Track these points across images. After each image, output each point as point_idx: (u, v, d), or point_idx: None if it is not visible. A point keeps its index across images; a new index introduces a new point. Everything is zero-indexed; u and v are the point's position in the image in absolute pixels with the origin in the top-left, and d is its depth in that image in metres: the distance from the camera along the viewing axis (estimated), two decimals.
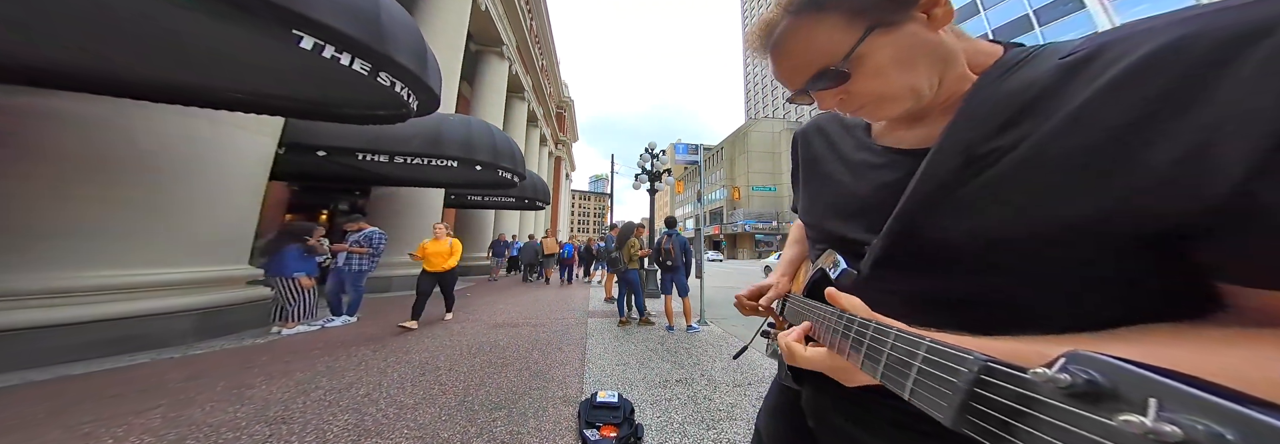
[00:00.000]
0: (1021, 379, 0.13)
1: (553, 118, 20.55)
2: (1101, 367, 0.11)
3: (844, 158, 0.39)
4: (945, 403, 0.15)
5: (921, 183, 0.28)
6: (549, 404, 1.70)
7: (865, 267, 0.32)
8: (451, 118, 4.18)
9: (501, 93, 9.94)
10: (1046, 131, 0.23)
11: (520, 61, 12.13)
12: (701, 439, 1.43)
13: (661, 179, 6.05)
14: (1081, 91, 0.22)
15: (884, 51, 0.27)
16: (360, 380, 1.91)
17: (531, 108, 14.42)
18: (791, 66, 0.31)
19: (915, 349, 0.19)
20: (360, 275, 3.34)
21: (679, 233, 3.61)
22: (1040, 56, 0.26)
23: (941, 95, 0.30)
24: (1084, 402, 0.11)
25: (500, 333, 3.06)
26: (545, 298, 5.20)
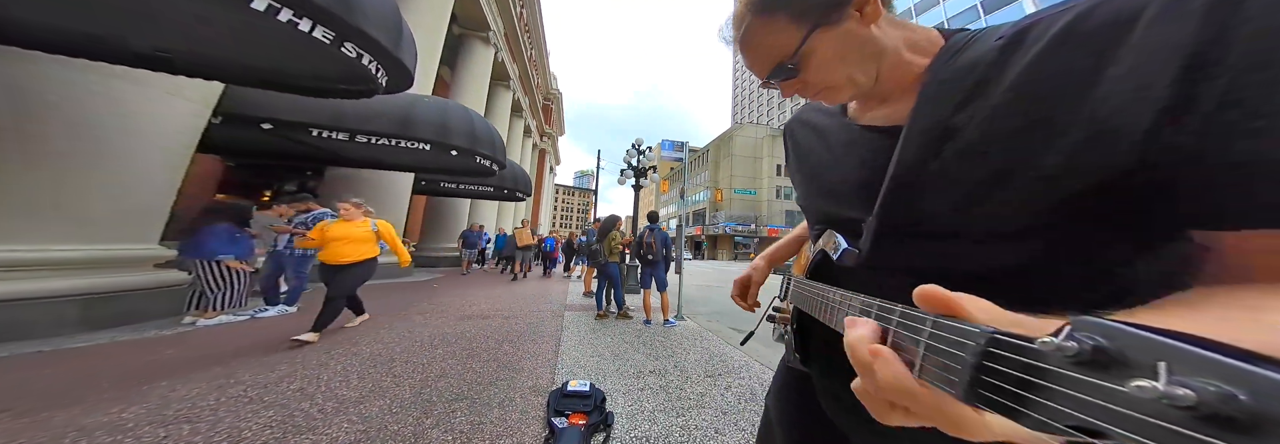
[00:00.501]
0: (1028, 349, 0.13)
1: (539, 109, 20.05)
2: (1107, 331, 0.11)
3: (828, 141, 0.41)
4: (955, 378, 0.15)
5: (901, 159, 0.30)
6: (517, 394, 1.63)
7: (865, 245, 0.32)
8: (426, 99, 3.93)
9: (484, 79, 9.55)
10: (995, 103, 0.26)
11: (507, 49, 11.71)
12: (670, 427, 1.42)
13: (647, 175, 6.05)
14: (1015, 66, 0.25)
15: (827, 47, 0.31)
16: (293, 375, 1.71)
17: (517, 97, 13.97)
18: (754, 59, 0.35)
19: (921, 324, 0.18)
20: (304, 261, 3.01)
21: (659, 227, 3.61)
22: (980, 39, 0.29)
23: (891, 80, 0.33)
24: (1094, 369, 0.11)
25: (468, 325, 2.90)
26: (521, 291, 5.01)
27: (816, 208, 0.42)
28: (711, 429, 1.41)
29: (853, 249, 0.34)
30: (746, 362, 2.31)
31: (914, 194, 0.29)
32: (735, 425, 1.46)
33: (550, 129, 24.78)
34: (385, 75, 2.12)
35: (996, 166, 0.25)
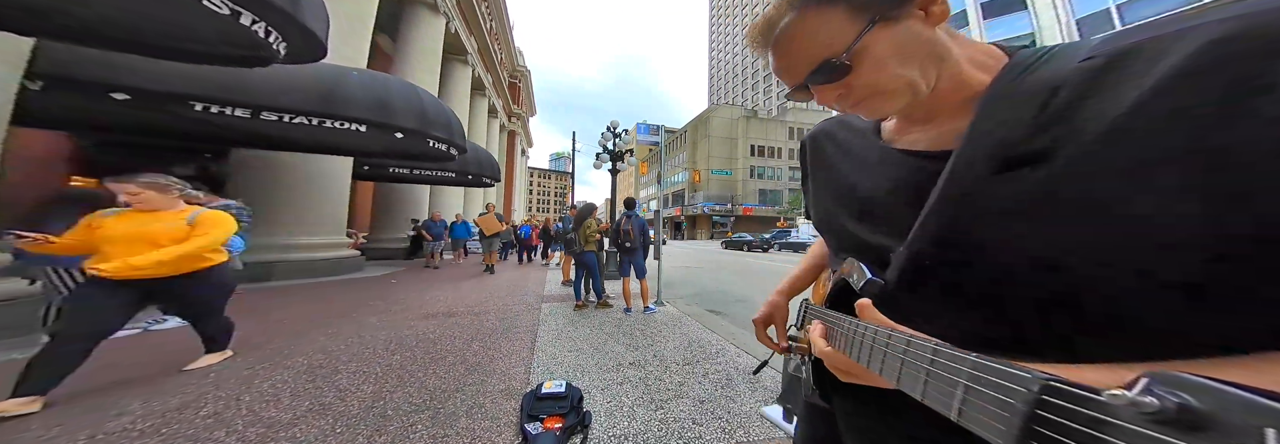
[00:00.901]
0: (1094, 401, 0.11)
1: (505, 87, 18.53)
2: (1196, 388, 0.10)
3: (856, 160, 0.38)
4: (1004, 427, 0.14)
5: (948, 187, 0.27)
6: (487, 400, 1.52)
7: (891, 275, 0.30)
8: (357, 73, 3.36)
9: (435, 53, 8.53)
10: (1093, 139, 0.22)
11: (462, 19, 10.45)
12: (649, 420, 1.40)
13: (624, 159, 5.83)
14: (1123, 97, 0.21)
15: (884, 44, 0.28)
16: (202, 398, 1.44)
17: (477, 73, 12.73)
18: (794, 60, 0.31)
19: (959, 365, 0.17)
20: None
21: (637, 214, 3.51)
22: (1057, 57, 0.26)
23: (943, 95, 0.30)
24: (1179, 430, 0.10)
25: (431, 324, 2.69)
26: (494, 283, 4.77)
27: (837, 229, 0.38)
28: (689, 420, 1.41)
29: (877, 280, 0.31)
30: (722, 346, 2.34)
31: (957, 228, 0.26)
32: (712, 414, 1.46)
33: (519, 109, 23.18)
34: (282, 41, 1.74)
35: (1092, 204, 0.21)
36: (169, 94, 2.54)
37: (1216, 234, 0.18)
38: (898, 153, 0.34)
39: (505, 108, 19.85)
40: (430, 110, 3.69)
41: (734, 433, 1.33)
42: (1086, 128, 0.22)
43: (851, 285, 0.33)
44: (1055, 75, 0.24)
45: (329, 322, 2.68)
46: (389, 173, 6.50)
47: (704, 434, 1.32)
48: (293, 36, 1.72)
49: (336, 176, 5.18)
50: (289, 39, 1.74)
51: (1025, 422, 0.13)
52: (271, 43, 1.69)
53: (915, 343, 0.20)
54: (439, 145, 3.95)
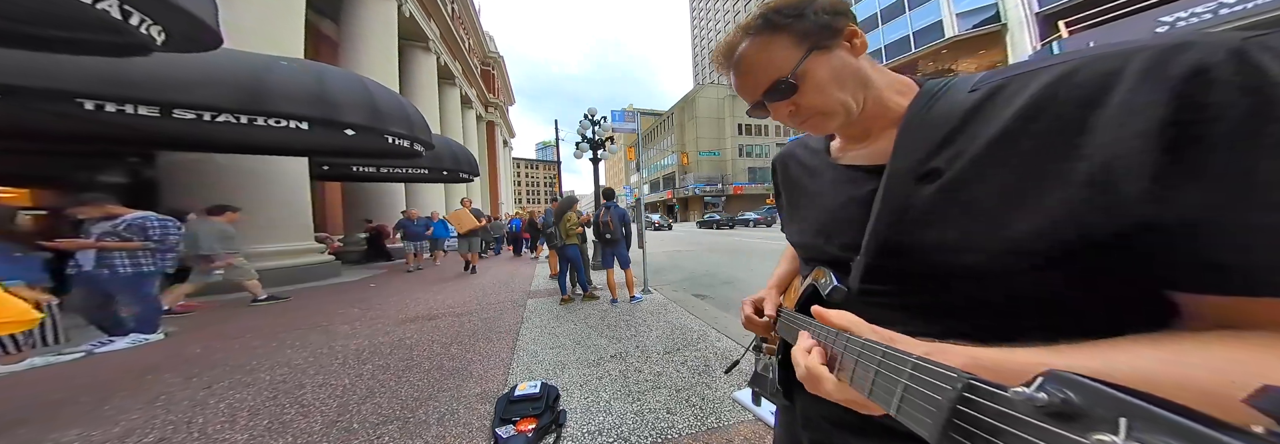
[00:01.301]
0: (1002, 397, 0.14)
1: (477, 76, 17.49)
2: (1077, 386, 0.12)
3: (815, 178, 0.43)
4: (930, 420, 0.16)
5: (884, 199, 0.32)
6: (461, 405, 1.50)
7: (854, 281, 0.34)
8: (286, 63, 2.99)
9: (389, 39, 7.82)
10: (974, 156, 0.27)
11: (417, 2, 9.53)
12: (624, 413, 1.40)
13: (605, 147, 5.64)
14: (993, 123, 0.27)
15: (822, 69, 0.33)
16: (150, 422, 1.38)
17: (443, 61, 11.91)
18: (751, 79, 0.36)
19: (902, 366, 0.19)
20: (141, 280, 2.36)
21: (617, 204, 3.43)
22: (953, 88, 0.32)
23: (871, 116, 0.35)
24: (1060, 421, 0.12)
25: (408, 329, 2.63)
26: (480, 282, 4.70)
27: (806, 244, 0.42)
28: (664, 410, 1.41)
29: (841, 286, 0.35)
30: (704, 331, 2.36)
31: (897, 235, 0.31)
32: (686, 402, 1.47)
33: (496, 98, 22.09)
34: (154, 25, 1.49)
35: (971, 214, 0.27)
36: (47, 90, 2.16)
37: (1051, 236, 0.23)
38: (844, 169, 0.38)
39: (480, 97, 18.88)
40: (383, 104, 3.37)
41: (706, 420, 1.34)
42: (967, 150, 0.28)
43: (820, 291, 0.36)
44: (952, 104, 0.30)
45: (297, 333, 2.60)
46: (353, 172, 6.09)
47: (677, 423, 1.32)
48: (166, 19, 1.47)
49: (292, 178, 4.81)
50: (163, 23, 1.49)
51: (948, 416, 0.15)
52: (138, 27, 1.43)
53: (870, 345, 0.23)
54: (400, 142, 3.63)
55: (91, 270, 2.28)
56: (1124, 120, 0.21)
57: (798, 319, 0.38)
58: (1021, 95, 0.26)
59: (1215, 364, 0.18)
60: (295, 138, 3.26)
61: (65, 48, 1.68)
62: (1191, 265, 0.21)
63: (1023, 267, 0.25)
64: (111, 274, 2.31)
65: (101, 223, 2.33)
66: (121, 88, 2.32)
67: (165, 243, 2.47)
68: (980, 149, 0.27)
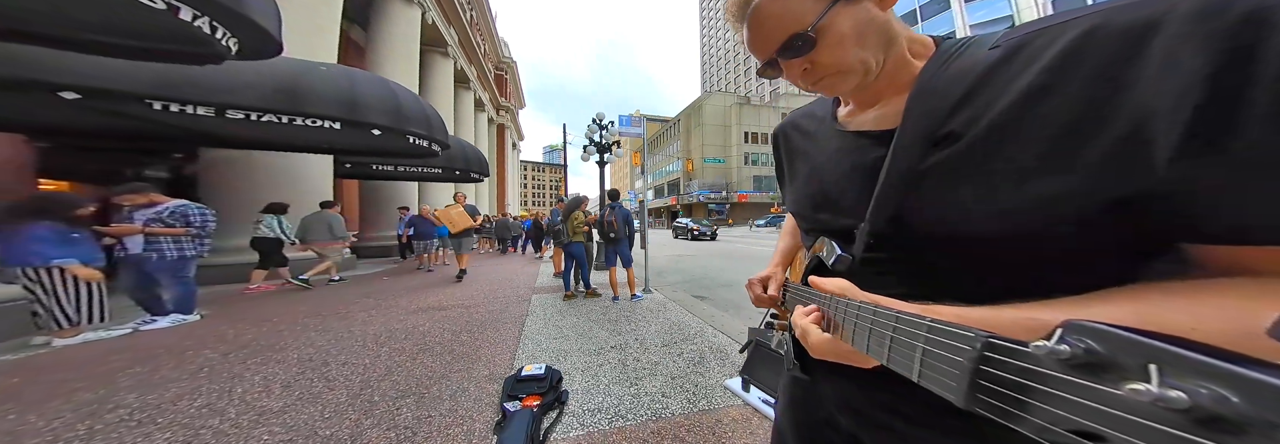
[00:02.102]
0: (1024, 353, 0.13)
1: (490, 80, 18.02)
2: (1099, 335, 0.11)
3: (819, 147, 0.41)
4: (955, 383, 0.15)
5: (892, 165, 0.30)
6: (471, 384, 1.62)
7: (857, 250, 0.33)
8: (323, 68, 3.26)
9: (412, 44, 8.20)
10: (995, 116, 0.26)
11: (439, 9, 10.00)
12: (622, 396, 1.50)
13: (611, 151, 5.82)
14: (1016, 82, 0.25)
15: (845, 22, 0.30)
16: (197, 390, 1.53)
17: (460, 66, 12.36)
18: (765, 33, 0.33)
19: (917, 330, 0.19)
20: (184, 264, 2.57)
21: (621, 205, 3.57)
22: (972, 46, 0.30)
23: (887, 76, 0.33)
24: (1088, 372, 0.11)
25: (421, 318, 2.79)
26: (486, 277, 4.86)
27: (808, 214, 0.41)
28: (659, 394, 1.52)
29: (846, 255, 0.34)
30: (701, 328, 2.46)
31: (906, 198, 0.29)
32: (680, 388, 1.57)
33: (507, 102, 22.66)
34: (231, 38, 1.70)
35: (993, 176, 0.25)
36: (123, 93, 2.40)
37: (1074, 198, 0.22)
38: (851, 135, 0.36)
39: (492, 101, 19.38)
40: (406, 106, 3.60)
41: (698, 403, 1.44)
42: (987, 111, 0.26)
43: (824, 262, 0.35)
44: (970, 63, 0.28)
45: (319, 319, 2.76)
46: (373, 170, 6.37)
47: (670, 405, 1.42)
48: (242, 32, 1.68)
49: (316, 175, 5.09)
50: (239, 35, 1.70)
51: (972, 376, 0.14)
52: (220, 39, 1.65)
53: (881, 311, 0.22)
54: (419, 142, 3.86)
55: (140, 253, 2.49)
56: (1163, 72, 0.19)
57: (804, 292, 0.37)
58: (1049, 50, 0.24)
59: (1228, 302, 0.17)
60: (328, 137, 3.52)
61: (155, 57, 1.91)
62: (1217, 220, 0.19)
63: (1036, 231, 0.24)
64: (159, 258, 2.52)
65: (144, 210, 2.54)
66: (183, 90, 2.58)
67: (206, 229, 2.66)
68: (1002, 109, 0.25)
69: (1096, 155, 0.21)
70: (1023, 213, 0.24)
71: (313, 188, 5.02)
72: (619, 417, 1.35)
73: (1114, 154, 0.21)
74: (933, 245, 0.29)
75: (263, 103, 2.83)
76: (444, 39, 10.57)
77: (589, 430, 1.27)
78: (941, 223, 0.28)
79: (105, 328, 2.32)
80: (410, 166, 6.22)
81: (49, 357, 2.00)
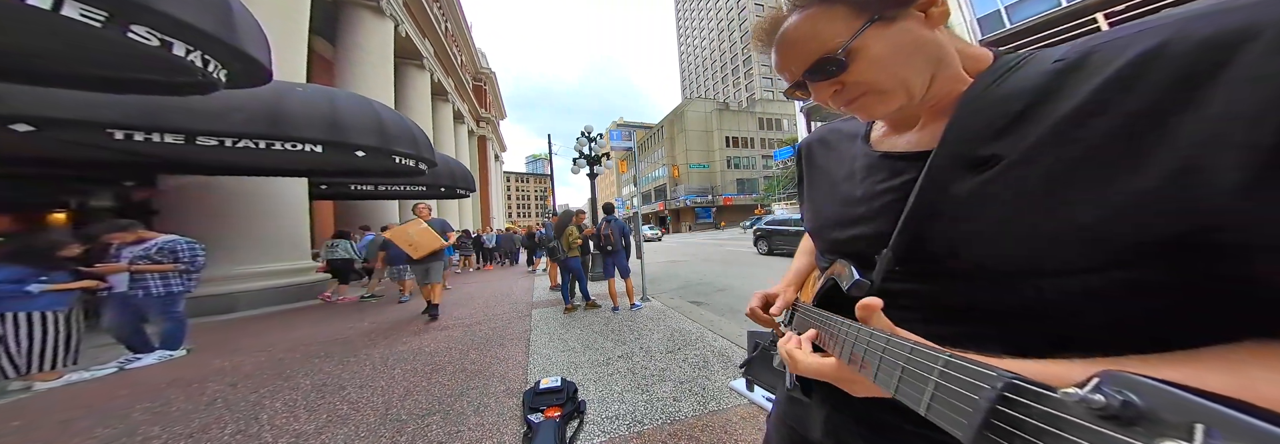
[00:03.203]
0: (1050, 398, 0.12)
1: (469, 91, 17.90)
2: (1140, 388, 0.11)
3: (846, 166, 0.39)
4: (965, 420, 0.15)
5: (924, 188, 0.28)
6: (491, 399, 1.69)
7: (877, 276, 0.31)
8: (300, 89, 3.14)
9: (385, 58, 7.96)
10: (1041, 137, 0.23)
11: (412, 21, 9.85)
12: (636, 403, 1.61)
13: (601, 162, 5.95)
14: (1070, 99, 0.23)
15: (881, 43, 0.28)
16: (221, 419, 1.55)
17: (437, 79, 12.19)
18: (793, 56, 0.31)
19: (933, 363, 0.18)
20: (171, 299, 2.49)
21: (616, 218, 3.69)
22: (1033, 61, 0.27)
23: (933, 97, 0.30)
24: (1120, 425, 0.10)
25: (424, 339, 2.79)
26: (481, 295, 4.82)
27: (827, 235, 0.39)
28: (670, 398, 1.63)
29: (865, 281, 0.31)
30: (702, 333, 2.58)
31: (936, 226, 0.27)
32: (690, 391, 1.69)
33: (488, 113, 22.50)
34: (220, 68, 1.67)
35: (1033, 204, 0.23)
36: (81, 122, 2.22)
37: (1118, 232, 0.20)
38: (881, 157, 0.34)
39: (472, 113, 19.19)
40: (390, 125, 3.53)
41: (708, 405, 1.56)
42: (1033, 131, 0.23)
43: (840, 285, 0.33)
44: (1028, 78, 0.25)
45: (318, 345, 2.72)
46: (351, 191, 6.12)
47: (683, 408, 1.54)
48: (233, 62, 1.66)
49: (291, 199, 4.87)
50: (229, 65, 1.67)
51: (986, 416, 0.14)
52: (211, 71, 1.61)
53: (894, 341, 0.21)
54: (406, 162, 3.78)
55: (125, 291, 2.40)
56: (1243, 95, 0.17)
57: (813, 314, 0.35)
58: (1109, 66, 0.22)
59: None
60: (307, 159, 3.37)
61: (140, 90, 1.85)
62: None
63: (1074, 267, 0.22)
64: (145, 294, 2.44)
65: (132, 247, 2.47)
66: (151, 118, 2.41)
67: (195, 264, 2.59)
68: (1049, 128, 0.23)
69: (1152, 174, 0.19)
70: (1062, 246, 0.22)
71: (287, 211, 4.81)
72: (637, 422, 1.46)
73: (1173, 174, 0.19)
74: (955, 278, 0.27)
75: (240, 128, 2.70)
76: (419, 51, 10.41)
77: (611, 436, 1.37)
78: (970, 249, 0.26)
79: (85, 368, 2.23)
80: (392, 185, 6.03)
81: (40, 399, 1.93)
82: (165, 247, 2.50)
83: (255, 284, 4.29)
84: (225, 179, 4.19)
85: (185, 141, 2.65)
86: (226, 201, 4.32)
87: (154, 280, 2.45)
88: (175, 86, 1.85)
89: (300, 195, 5.09)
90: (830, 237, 0.39)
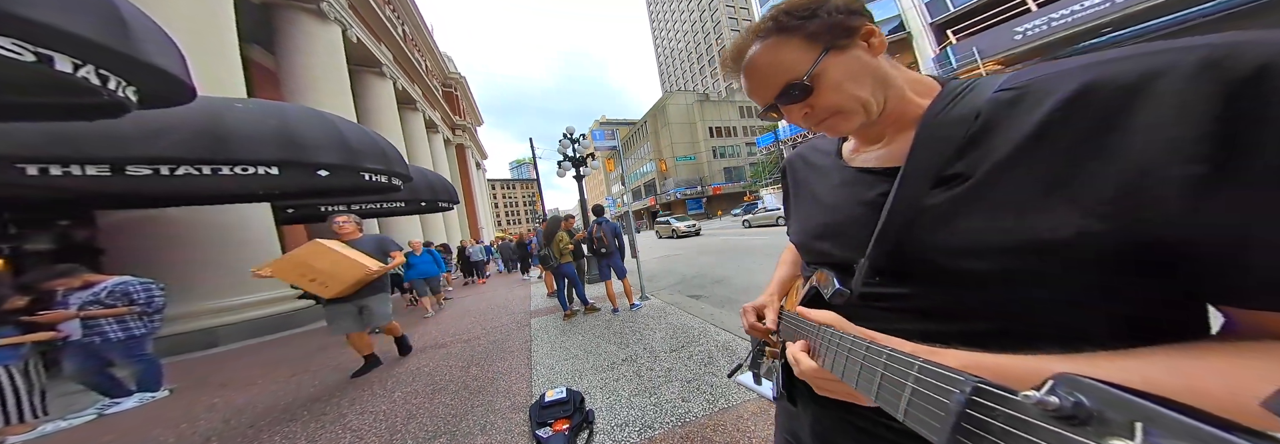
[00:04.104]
0: (1012, 401, 0.13)
1: (439, 98, 17.31)
2: (1089, 390, 0.12)
3: (824, 180, 0.42)
4: (939, 424, 0.16)
5: (896, 202, 0.31)
6: (497, 416, 1.64)
7: (856, 284, 0.33)
8: (244, 106, 2.83)
9: (337, 66, 7.43)
10: (998, 160, 0.26)
11: (363, 26, 9.20)
12: (645, 407, 1.58)
13: (587, 163, 5.85)
14: (1021, 126, 0.26)
15: (838, 69, 0.32)
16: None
17: (401, 87, 11.59)
18: (762, 82, 0.34)
19: (908, 370, 0.19)
20: (134, 343, 2.35)
21: (608, 219, 3.64)
22: (977, 88, 0.30)
23: (891, 115, 0.34)
24: (1072, 425, 0.11)
25: (422, 358, 2.71)
26: (475, 308, 4.73)
27: (810, 247, 0.42)
28: (679, 399, 1.62)
29: (844, 289, 0.34)
30: (704, 328, 2.58)
31: (905, 238, 0.30)
32: (698, 390, 1.68)
33: (463, 121, 21.89)
34: (127, 86, 1.45)
35: (994, 217, 0.26)
36: None
37: (1072, 244, 0.22)
38: (854, 171, 0.37)
39: (445, 121, 18.60)
40: (354, 139, 3.28)
41: (717, 402, 1.55)
42: (991, 154, 0.27)
43: (822, 294, 0.36)
44: (976, 104, 0.29)
45: (309, 374, 2.61)
46: (322, 212, 5.63)
47: (693, 408, 1.53)
48: (140, 78, 1.45)
49: (257, 226, 4.54)
50: (137, 82, 1.46)
51: (957, 419, 0.15)
52: (114, 89, 1.38)
53: (873, 348, 0.22)
54: (377, 178, 3.51)
55: (81, 339, 2.24)
56: (1167, 122, 0.20)
57: (798, 322, 0.37)
58: (1053, 96, 0.25)
59: (1232, 370, 0.17)
60: (264, 183, 3.04)
61: (29, 115, 1.60)
62: (1235, 280, 0.19)
63: (1035, 274, 0.24)
64: (103, 341, 2.28)
65: (80, 293, 2.30)
66: (66, 148, 2.12)
67: (152, 305, 2.42)
68: (1006, 153, 0.26)
69: (1096, 197, 0.22)
70: (1018, 252, 0.24)
71: (255, 239, 4.51)
72: (647, 427, 1.44)
73: (1114, 197, 0.21)
74: (929, 281, 0.30)
75: (174, 153, 2.40)
76: (376, 58, 9.81)
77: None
78: (940, 258, 0.28)
79: (61, 417, 2.11)
80: (367, 204, 5.71)
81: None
82: (116, 289, 2.33)
83: (234, 316, 4.09)
84: (177, 210, 3.88)
85: (112, 173, 2.35)
86: (186, 233, 4.00)
87: (110, 325, 2.30)
88: (78, 110, 1.58)
89: (265, 221, 4.78)
90: (814, 248, 0.41)
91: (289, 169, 2.88)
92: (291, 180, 3.10)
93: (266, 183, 3.05)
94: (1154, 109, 0.21)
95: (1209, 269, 0.20)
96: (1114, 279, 0.23)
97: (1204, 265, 0.20)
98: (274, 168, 2.82)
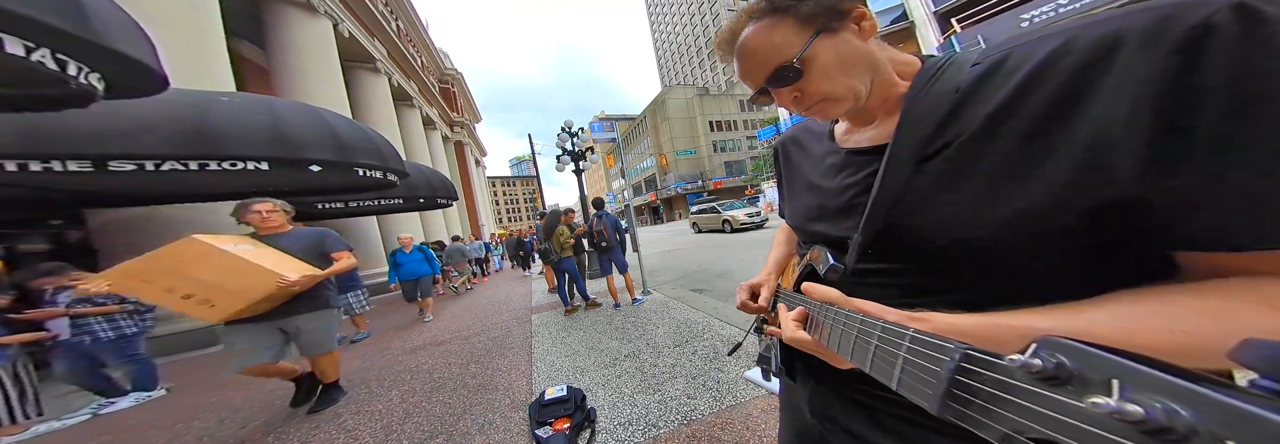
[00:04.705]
0: (999, 365, 0.14)
1: (436, 95, 17.10)
2: (1069, 350, 0.12)
3: (816, 162, 0.43)
4: (930, 391, 0.16)
5: (885, 180, 0.32)
6: (496, 415, 1.59)
7: (850, 260, 0.34)
8: (230, 99, 2.75)
9: (329, 61, 7.32)
10: (972, 132, 0.27)
11: (355, 20, 9.01)
12: (649, 405, 1.53)
13: (586, 157, 5.76)
14: (992, 98, 0.27)
15: (828, 53, 0.32)
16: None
17: (396, 83, 11.45)
18: (754, 65, 0.35)
19: (900, 340, 0.20)
20: (126, 342, 2.32)
21: (608, 213, 3.57)
22: (954, 64, 0.31)
23: (877, 98, 0.35)
24: (1055, 385, 0.12)
25: (421, 356, 2.67)
26: (476, 304, 4.69)
27: (805, 226, 0.43)
28: (684, 396, 1.55)
29: (838, 265, 0.35)
30: (708, 322, 2.52)
31: (895, 214, 0.31)
32: (703, 386, 1.62)
33: (461, 117, 21.71)
34: (91, 73, 1.36)
35: (974, 188, 0.27)
36: None
37: (1048, 211, 0.24)
38: (846, 152, 0.38)
39: (443, 117, 18.43)
40: (347, 135, 3.18)
41: (724, 399, 1.49)
42: (967, 128, 0.28)
43: (817, 270, 0.37)
44: (953, 80, 0.30)
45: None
46: (319, 210, 5.51)
47: (698, 406, 1.47)
48: (104, 65, 1.36)
49: (231, 223, 4.49)
50: (101, 69, 1.37)
51: (948, 386, 0.15)
52: (76, 76, 1.29)
53: (868, 321, 0.23)
54: (372, 174, 3.43)
55: (70, 339, 2.20)
56: (1120, 88, 0.20)
57: (795, 298, 0.38)
58: (1023, 67, 0.25)
59: (1202, 320, 0.18)
60: (253, 180, 2.99)
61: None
62: (1189, 229, 0.21)
63: (1018, 243, 0.25)
64: (93, 340, 2.24)
65: (67, 291, 2.25)
66: (44, 143, 2.03)
67: (144, 302, 2.38)
68: (979, 125, 0.27)
69: (1063, 167, 0.23)
70: (1001, 222, 0.26)
71: None
72: (651, 426, 1.38)
73: (1079, 166, 0.22)
74: (920, 254, 0.31)
75: (160, 149, 2.31)
76: (370, 54, 9.63)
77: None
78: (927, 232, 0.29)
79: (55, 418, 2.09)
80: (364, 201, 5.61)
81: None
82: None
83: None
84: (170, 209, 3.79)
85: (95, 168, 2.26)
86: (181, 232, 3.81)
87: (99, 324, 2.25)
88: (41, 100, 1.49)
89: None
90: (809, 228, 0.42)
91: (279, 165, 2.80)
92: (282, 176, 3.02)
93: (257, 179, 2.97)
94: (1106, 78, 0.21)
95: (1163, 223, 0.22)
96: (1091, 246, 0.24)
97: (1159, 219, 0.22)
98: (263, 163, 2.73)
